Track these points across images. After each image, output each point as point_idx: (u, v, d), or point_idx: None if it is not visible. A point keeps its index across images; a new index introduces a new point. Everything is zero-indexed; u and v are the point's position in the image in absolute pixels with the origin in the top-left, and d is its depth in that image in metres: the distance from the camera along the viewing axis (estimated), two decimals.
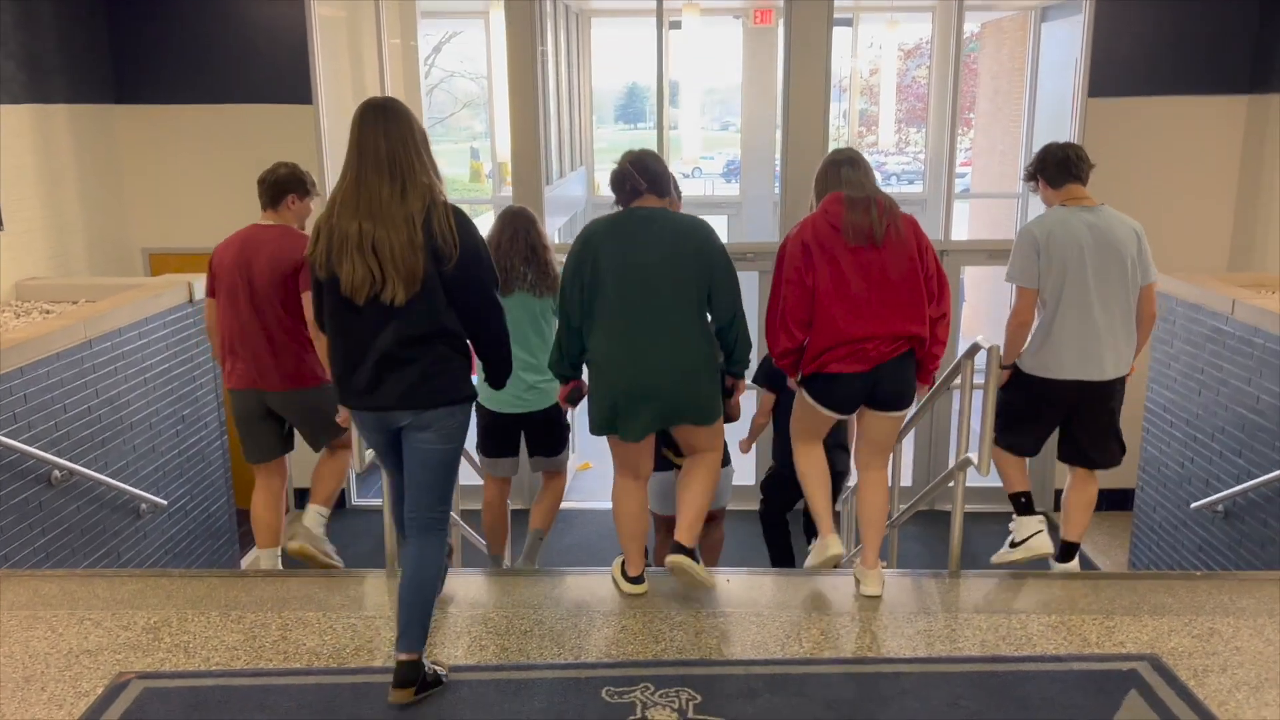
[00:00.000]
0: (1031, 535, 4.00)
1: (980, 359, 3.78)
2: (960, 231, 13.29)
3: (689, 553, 3.42)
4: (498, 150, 10.26)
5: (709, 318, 3.40)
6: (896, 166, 24.27)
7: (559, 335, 3.44)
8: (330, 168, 7.80)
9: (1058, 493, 7.75)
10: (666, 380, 3.30)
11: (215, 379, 6.77)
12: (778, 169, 12.88)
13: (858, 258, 3.32)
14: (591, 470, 8.84)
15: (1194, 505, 5.88)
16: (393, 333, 2.80)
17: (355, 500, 8.62)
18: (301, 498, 5.27)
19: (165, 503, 5.97)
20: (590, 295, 3.30)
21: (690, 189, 16.73)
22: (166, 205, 7.87)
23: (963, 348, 4.25)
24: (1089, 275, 3.68)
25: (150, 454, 5.93)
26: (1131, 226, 3.79)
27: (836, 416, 3.54)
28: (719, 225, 13.36)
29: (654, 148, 7.76)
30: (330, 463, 4.54)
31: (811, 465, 3.68)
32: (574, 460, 7.74)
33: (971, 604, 3.21)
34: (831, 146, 7.08)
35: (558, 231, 10.71)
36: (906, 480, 8.21)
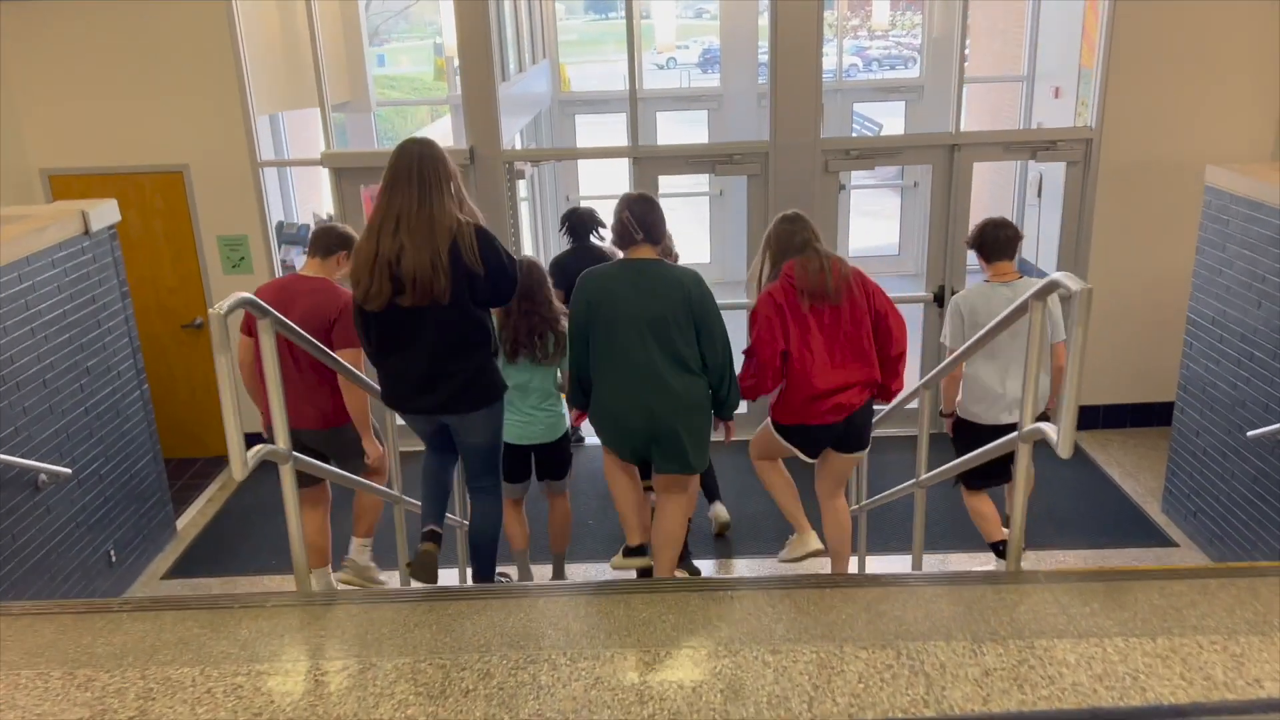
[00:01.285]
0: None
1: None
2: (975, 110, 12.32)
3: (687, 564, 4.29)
4: (448, 42, 9.16)
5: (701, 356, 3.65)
6: (879, 52, 22.97)
7: (572, 371, 3.75)
8: (248, 71, 6.77)
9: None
10: (660, 426, 3.60)
11: (128, 321, 5.88)
12: (761, 59, 11.92)
13: (819, 318, 3.72)
14: None
15: (1251, 434, 5.15)
16: (431, 345, 3.34)
17: None
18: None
19: (69, 471, 5.15)
20: (592, 344, 3.60)
21: (664, 81, 15.59)
22: (66, 119, 6.85)
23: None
24: (1004, 341, 4.23)
25: (47, 416, 5.08)
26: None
27: (803, 456, 3.97)
28: (698, 122, 12.31)
29: (624, 38, 6.66)
30: (368, 496, 4.68)
31: (776, 475, 4.15)
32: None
33: (1048, 623, 2.47)
34: (825, 33, 6.11)
35: (520, 134, 9.71)
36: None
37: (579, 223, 5.76)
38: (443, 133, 11.49)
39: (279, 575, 6.08)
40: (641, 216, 3.57)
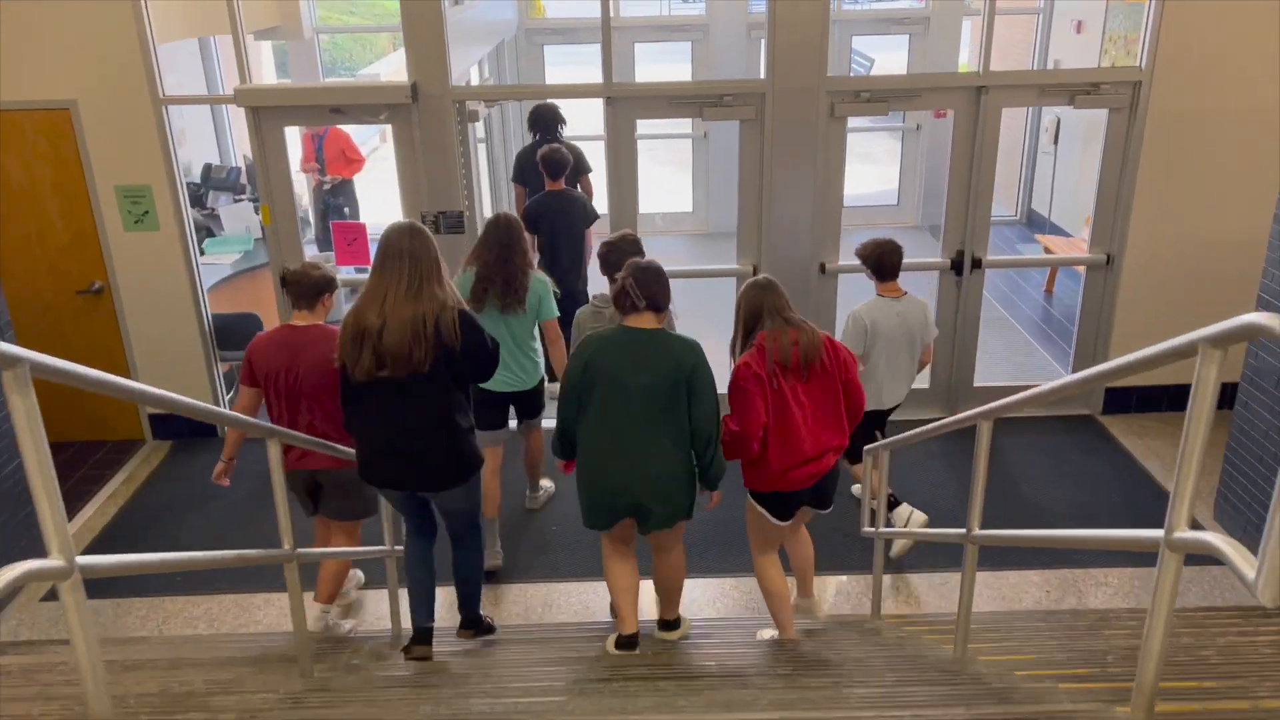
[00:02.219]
0: (909, 517, 5.26)
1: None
2: (973, 60, 11.22)
3: (673, 624, 4.18)
4: None
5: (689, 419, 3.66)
6: None
7: (560, 425, 3.71)
8: None
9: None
10: (642, 489, 3.64)
11: None
12: None
13: (794, 389, 3.73)
14: None
15: None
16: (411, 421, 3.55)
17: None
18: None
19: None
20: (584, 405, 3.61)
21: (643, 9, 14.32)
22: None
23: None
24: (896, 345, 5.04)
25: None
26: (920, 305, 5.14)
27: (784, 525, 3.98)
28: (680, 55, 11.14)
29: None
30: (335, 566, 4.56)
31: (771, 582, 4.14)
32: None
33: None
34: None
35: (480, 67, 8.57)
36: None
37: (543, 118, 6.57)
38: (398, 67, 10.30)
39: (189, 597, 5.15)
40: (646, 286, 3.56)
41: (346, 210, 9.13)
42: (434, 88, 5.92)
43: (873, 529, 4.65)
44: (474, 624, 4.13)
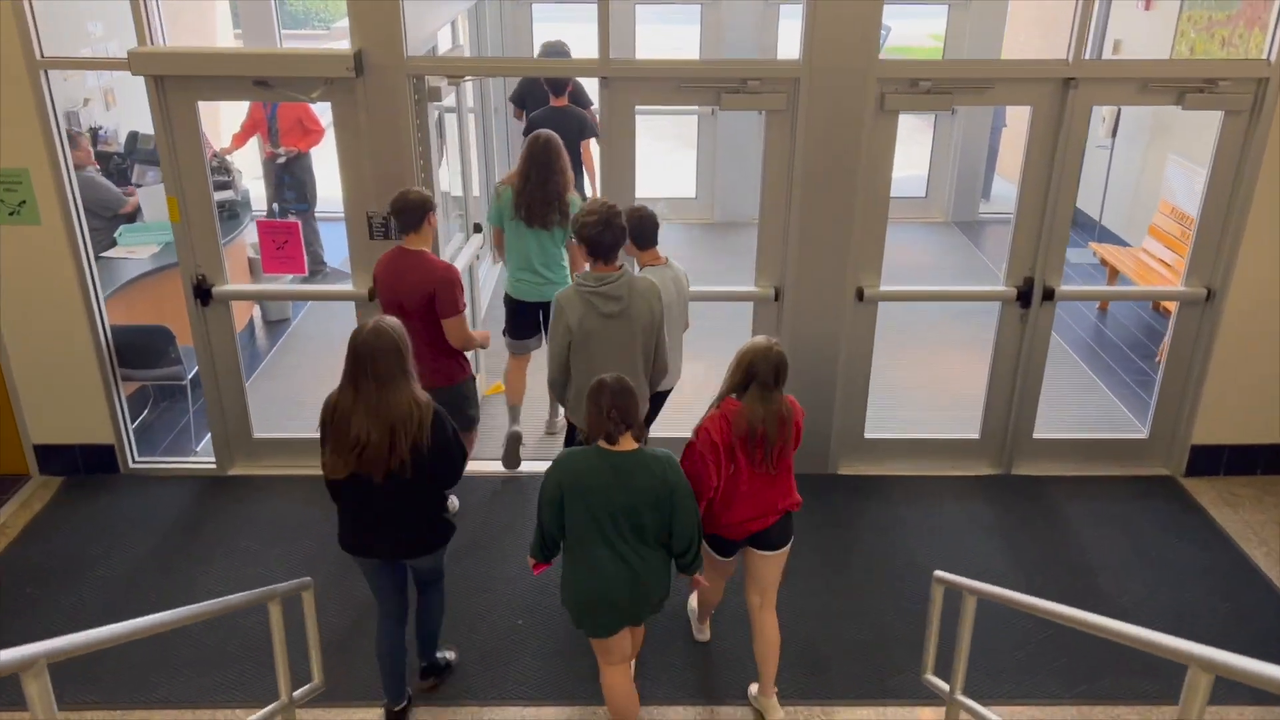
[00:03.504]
0: None
1: None
2: (1012, 46, 9.94)
3: None
4: None
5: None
6: None
7: (542, 528, 3.58)
8: None
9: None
10: (625, 596, 3.52)
11: None
12: None
13: (750, 458, 3.69)
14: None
15: None
16: (384, 504, 3.57)
17: (134, 463, 5.64)
18: None
19: None
20: (565, 522, 3.51)
21: None
22: None
23: None
24: (675, 318, 4.64)
25: None
26: (681, 272, 4.70)
27: (726, 561, 3.95)
28: (687, 20, 9.84)
29: None
30: None
31: (711, 594, 4.21)
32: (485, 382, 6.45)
33: None
34: None
35: (454, 27, 7.29)
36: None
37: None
38: None
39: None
40: (624, 413, 3.42)
41: (291, 195, 7.87)
42: (385, 57, 4.70)
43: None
44: (434, 670, 4.19)
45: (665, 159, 11.70)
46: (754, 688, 4.12)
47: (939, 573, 3.69)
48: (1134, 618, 4.52)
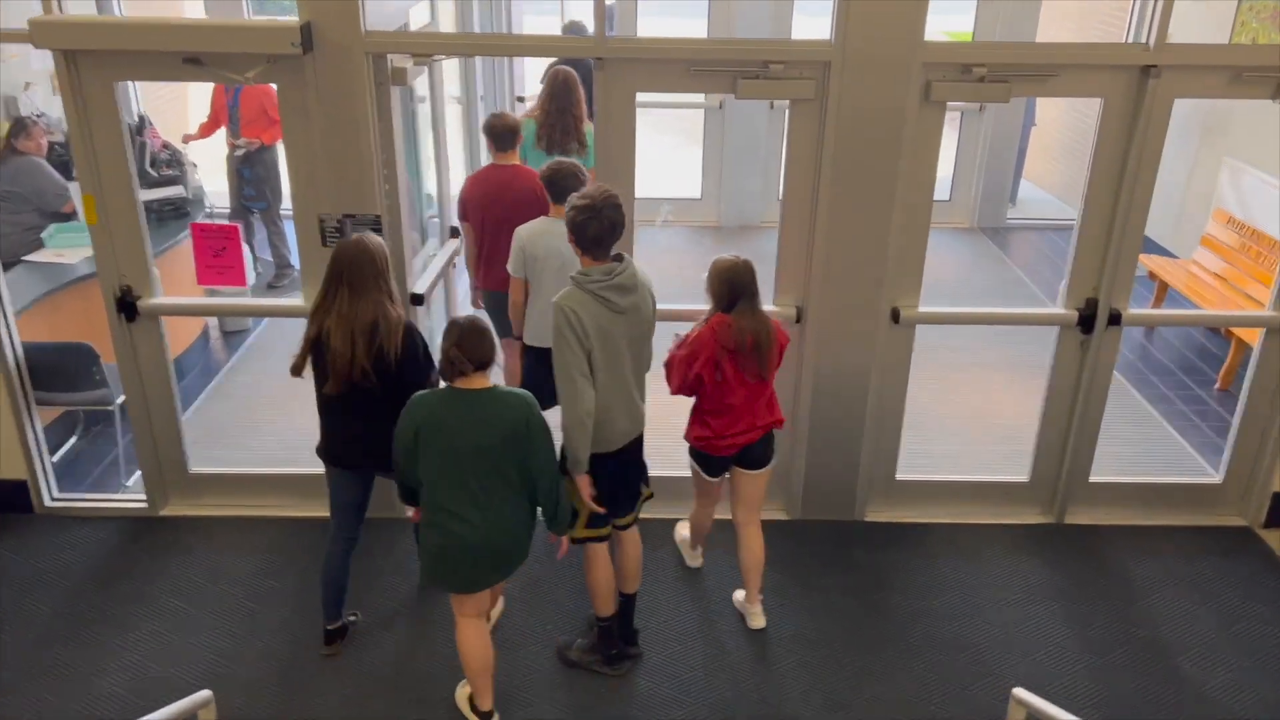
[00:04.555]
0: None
1: None
2: (1053, 28, 9.16)
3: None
4: None
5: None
6: None
7: (401, 476, 3.51)
8: None
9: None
10: (481, 544, 3.44)
11: None
12: None
13: (738, 372, 3.84)
14: None
15: None
16: (365, 419, 3.71)
17: (53, 500, 4.89)
18: None
19: None
20: (421, 467, 3.43)
21: None
22: None
23: None
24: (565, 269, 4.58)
25: None
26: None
27: (713, 481, 4.11)
28: None
29: None
30: None
31: (698, 516, 4.37)
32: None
33: None
34: None
35: (432, 5, 6.52)
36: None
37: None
38: None
39: None
40: (473, 350, 3.32)
41: (251, 192, 7.11)
42: (338, 32, 3.95)
43: None
44: (341, 633, 4.12)
45: (668, 155, 10.93)
46: (739, 594, 4.29)
47: (1020, 692, 2.95)
48: (1225, 709, 3.82)
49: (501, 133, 4.97)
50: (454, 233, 5.32)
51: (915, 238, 4.36)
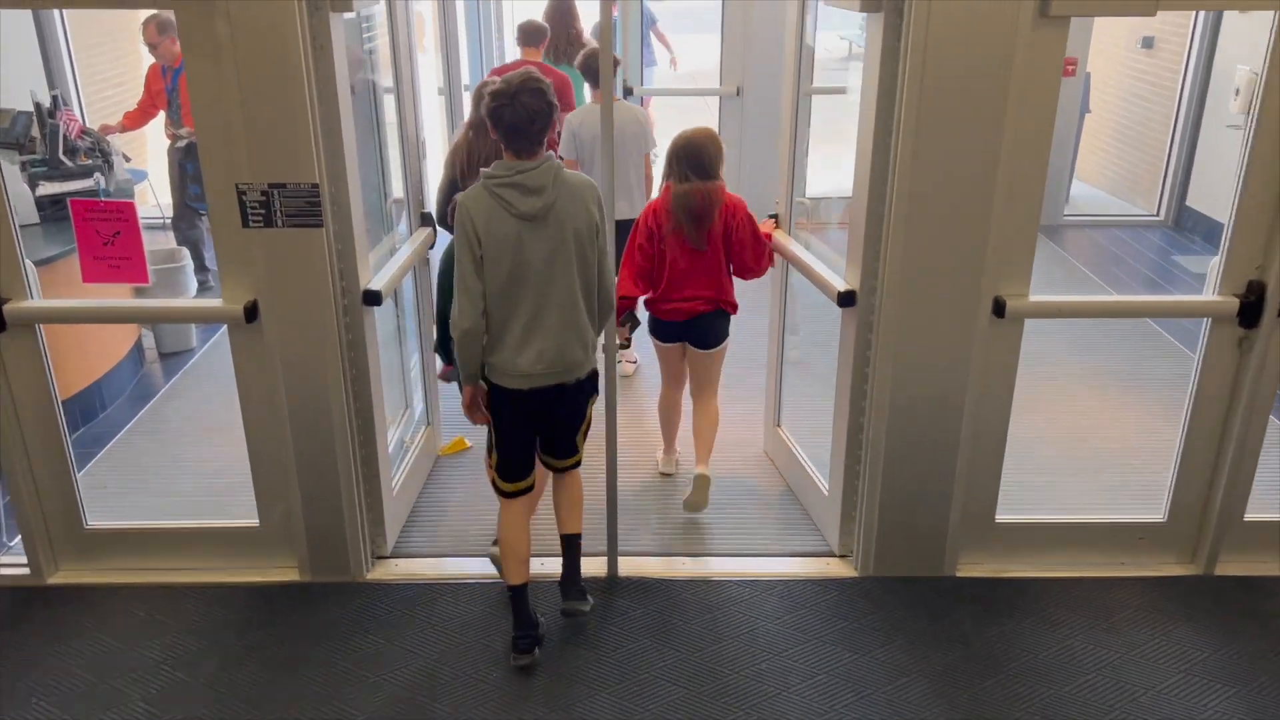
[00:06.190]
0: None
1: None
2: None
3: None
4: None
5: None
6: None
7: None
8: None
9: None
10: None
11: None
12: None
13: (679, 240, 4.00)
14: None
15: None
16: None
17: None
18: None
19: None
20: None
21: None
22: None
23: None
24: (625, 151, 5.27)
25: None
26: (635, 110, 5.37)
27: (666, 346, 4.25)
28: None
29: None
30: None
31: (662, 403, 4.49)
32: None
33: None
34: None
35: None
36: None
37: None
38: None
39: None
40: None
41: (196, 190, 6.11)
42: None
43: None
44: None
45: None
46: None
47: None
48: None
49: (531, 30, 5.82)
50: (425, 220, 4.26)
51: (1025, 206, 3.30)
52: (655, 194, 4.32)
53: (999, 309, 3.40)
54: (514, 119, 2.94)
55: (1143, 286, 6.91)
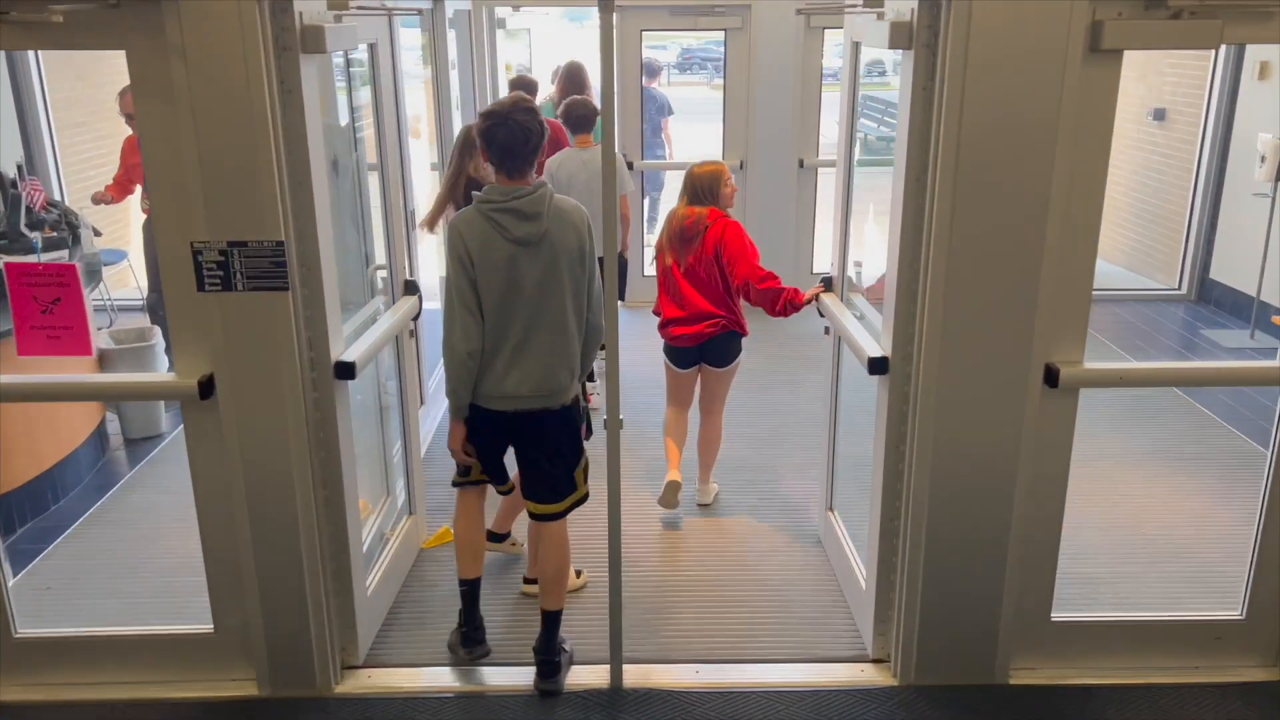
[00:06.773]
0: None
1: None
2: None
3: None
4: None
5: None
6: None
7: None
8: None
9: None
10: None
11: None
12: None
13: (679, 259, 4.29)
14: None
15: None
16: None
17: None
18: None
19: None
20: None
21: None
22: None
23: None
24: (590, 195, 5.31)
25: None
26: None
27: (681, 372, 4.45)
28: None
29: None
30: None
31: (670, 421, 4.59)
32: None
33: None
34: None
35: None
36: None
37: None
38: None
39: None
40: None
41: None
42: None
43: None
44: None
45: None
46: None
47: None
48: None
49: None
50: (410, 288, 3.89)
51: (1079, 258, 2.95)
52: (632, 232, 4.95)
53: (1051, 378, 3.01)
54: (508, 138, 2.96)
55: (1175, 361, 6.55)
